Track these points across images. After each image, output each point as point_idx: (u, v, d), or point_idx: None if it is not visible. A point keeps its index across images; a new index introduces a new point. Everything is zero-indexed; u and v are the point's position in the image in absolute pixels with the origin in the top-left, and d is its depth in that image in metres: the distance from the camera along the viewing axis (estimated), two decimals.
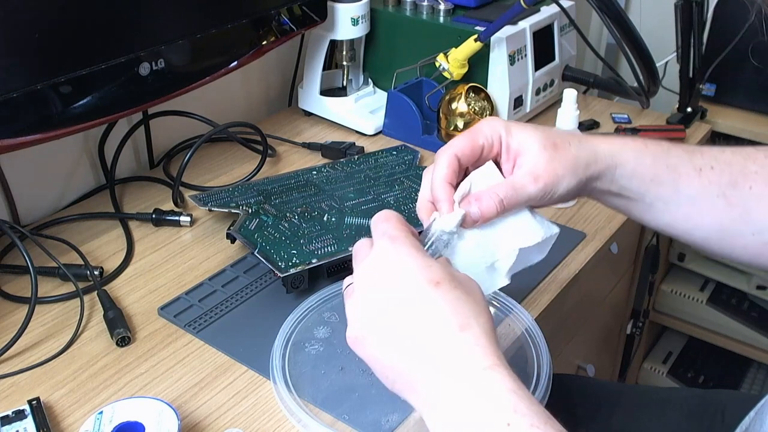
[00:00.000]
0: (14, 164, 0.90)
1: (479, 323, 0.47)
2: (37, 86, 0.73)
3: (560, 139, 0.58)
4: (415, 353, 0.47)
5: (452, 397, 0.45)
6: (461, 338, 0.46)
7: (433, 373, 0.46)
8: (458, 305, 0.47)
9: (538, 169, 0.57)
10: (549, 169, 0.56)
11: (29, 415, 0.63)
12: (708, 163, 0.60)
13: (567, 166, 0.57)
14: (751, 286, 1.47)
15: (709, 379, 1.62)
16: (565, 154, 0.57)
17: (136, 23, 0.82)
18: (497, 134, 0.58)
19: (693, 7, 1.12)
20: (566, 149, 0.58)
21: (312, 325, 0.73)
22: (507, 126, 0.58)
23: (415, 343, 0.47)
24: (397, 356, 0.47)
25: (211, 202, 0.89)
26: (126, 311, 0.77)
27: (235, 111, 1.19)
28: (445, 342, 0.46)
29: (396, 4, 1.17)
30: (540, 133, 0.58)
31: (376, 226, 0.53)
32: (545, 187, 0.57)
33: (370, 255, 0.51)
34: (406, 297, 0.48)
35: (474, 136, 0.58)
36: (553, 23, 1.15)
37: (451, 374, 0.45)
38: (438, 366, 0.46)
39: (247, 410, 0.66)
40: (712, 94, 1.32)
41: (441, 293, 0.47)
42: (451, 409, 0.45)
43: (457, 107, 1.04)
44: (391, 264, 0.50)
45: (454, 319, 0.46)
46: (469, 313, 0.47)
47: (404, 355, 0.47)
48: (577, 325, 1.08)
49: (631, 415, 0.84)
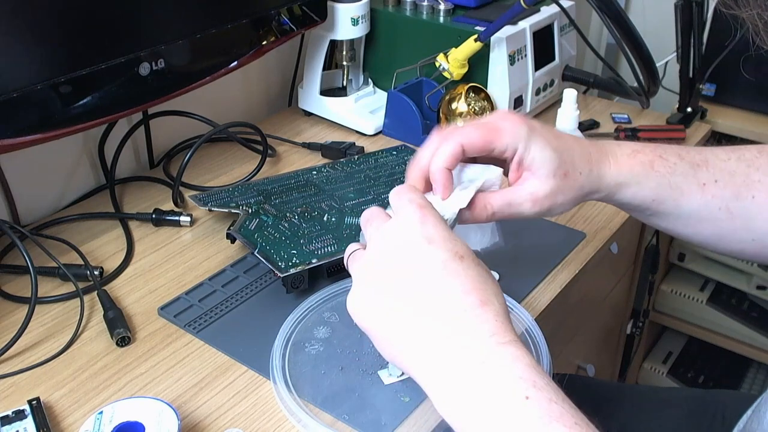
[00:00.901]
0: (14, 164, 0.90)
1: (499, 302, 0.47)
2: (37, 86, 0.73)
3: (573, 169, 0.58)
4: (433, 323, 0.46)
5: (468, 368, 0.44)
6: (482, 312, 0.46)
7: (449, 344, 0.45)
8: (480, 281, 0.47)
9: (541, 194, 0.57)
10: (550, 196, 0.57)
11: (29, 415, 0.63)
12: (712, 177, 0.60)
13: (569, 195, 0.58)
14: (751, 286, 1.47)
15: (709, 379, 1.62)
16: (572, 184, 0.58)
17: (136, 23, 0.82)
18: (514, 146, 0.56)
19: (693, 7, 1.12)
20: (575, 179, 0.58)
21: (312, 325, 0.73)
22: (527, 139, 0.56)
23: (434, 313, 0.46)
24: (413, 324, 0.47)
25: (211, 202, 0.89)
26: (126, 311, 0.77)
27: (235, 111, 1.19)
28: (465, 314, 0.45)
29: (396, 4, 1.17)
30: (557, 158, 0.57)
31: (399, 195, 0.52)
32: (540, 211, 0.58)
33: (394, 219, 0.50)
34: (431, 266, 0.47)
35: (490, 138, 0.56)
36: (553, 23, 1.15)
37: (469, 345, 0.45)
38: (456, 337, 0.45)
39: (247, 410, 0.66)
40: (712, 94, 1.32)
41: (464, 267, 0.47)
42: (466, 380, 0.44)
43: (457, 107, 1.04)
44: (418, 230, 0.49)
45: (475, 294, 0.46)
46: (489, 290, 0.47)
47: (420, 323, 0.46)
48: (577, 325, 1.08)
49: (631, 415, 0.84)
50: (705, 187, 0.60)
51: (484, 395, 0.43)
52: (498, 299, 0.47)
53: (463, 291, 0.46)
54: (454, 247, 0.48)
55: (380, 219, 0.52)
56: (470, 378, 0.44)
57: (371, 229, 0.52)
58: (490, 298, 0.47)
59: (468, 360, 0.44)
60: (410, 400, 0.66)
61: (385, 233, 0.50)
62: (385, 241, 0.50)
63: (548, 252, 0.87)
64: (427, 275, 0.47)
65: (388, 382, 0.67)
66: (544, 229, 0.91)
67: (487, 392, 0.43)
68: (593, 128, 1.17)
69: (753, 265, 1.44)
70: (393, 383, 0.67)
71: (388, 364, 0.68)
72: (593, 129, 1.17)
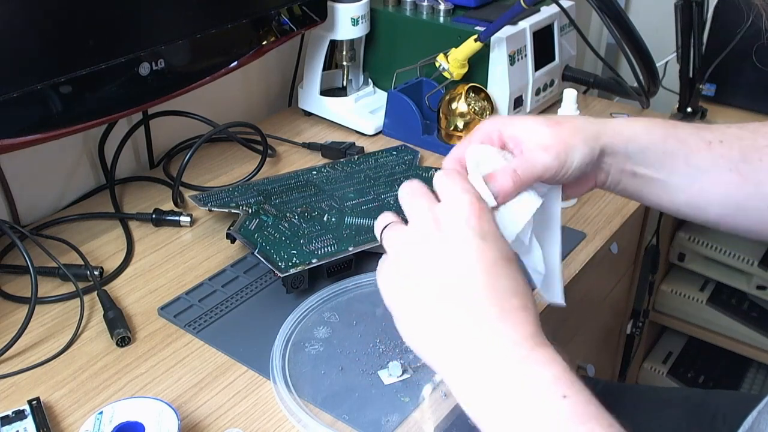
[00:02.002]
0: (14, 164, 0.90)
1: (536, 309, 0.47)
2: (37, 86, 0.73)
3: (563, 118, 0.58)
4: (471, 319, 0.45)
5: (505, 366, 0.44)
6: (523, 316, 0.46)
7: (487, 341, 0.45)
8: (522, 285, 0.47)
9: (546, 140, 0.55)
10: (557, 139, 0.55)
11: (29, 415, 0.63)
12: (717, 137, 0.60)
13: (575, 134, 0.56)
14: (751, 286, 1.47)
15: (709, 379, 1.62)
16: (571, 126, 0.57)
17: (136, 23, 0.82)
18: (495, 130, 0.57)
19: (693, 7, 1.12)
20: (571, 123, 0.57)
21: (312, 325, 0.73)
22: (505, 120, 0.58)
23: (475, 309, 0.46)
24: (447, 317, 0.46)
25: (211, 202, 0.89)
26: (126, 311, 0.77)
27: (235, 111, 1.19)
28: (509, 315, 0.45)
29: (396, 4, 1.17)
30: (541, 118, 0.58)
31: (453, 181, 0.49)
32: (558, 156, 0.55)
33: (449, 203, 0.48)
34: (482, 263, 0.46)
35: (471, 138, 0.58)
36: (553, 23, 1.15)
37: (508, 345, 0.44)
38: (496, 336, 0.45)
39: (247, 410, 0.66)
40: (712, 94, 1.32)
41: (513, 270, 0.47)
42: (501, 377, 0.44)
43: (457, 107, 1.04)
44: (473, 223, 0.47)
45: (518, 298, 0.46)
46: (529, 297, 0.47)
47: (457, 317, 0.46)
48: (577, 325, 1.08)
49: (631, 415, 0.84)
50: (711, 145, 0.59)
51: (521, 392, 0.43)
52: (535, 307, 0.47)
53: (508, 293, 0.46)
54: (504, 248, 0.48)
55: (428, 197, 0.50)
56: (506, 375, 0.44)
57: (417, 204, 0.49)
58: (528, 304, 0.47)
59: (506, 358, 0.44)
60: (410, 400, 0.66)
61: (436, 214, 0.48)
62: (434, 222, 0.48)
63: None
64: (474, 272, 0.46)
65: (388, 382, 0.67)
66: None
67: (523, 389, 0.43)
68: None
69: (753, 264, 1.44)
70: (393, 383, 0.67)
71: (388, 364, 0.68)
72: None
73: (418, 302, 0.47)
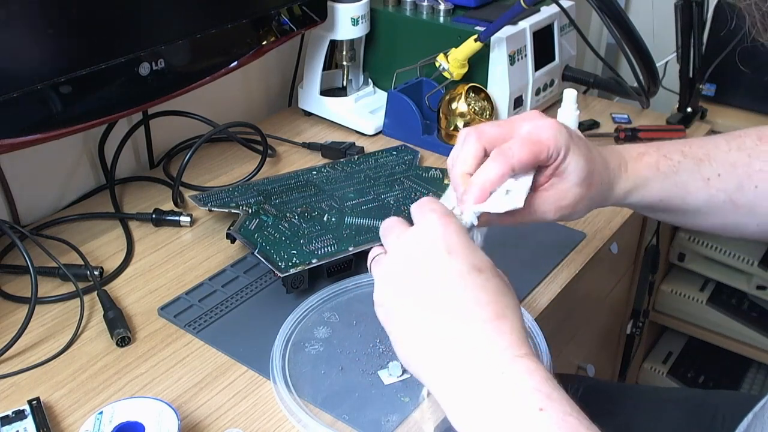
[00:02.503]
0: (14, 164, 0.90)
1: (515, 316, 0.47)
2: (37, 86, 0.73)
3: (598, 179, 0.58)
4: (450, 333, 0.46)
5: (483, 379, 0.44)
6: (497, 325, 0.46)
7: (465, 355, 0.45)
8: (497, 294, 0.47)
9: (566, 202, 0.58)
10: (572, 204, 0.58)
11: (29, 415, 0.63)
12: (715, 171, 0.61)
13: (587, 203, 0.59)
14: (751, 286, 1.47)
15: (709, 379, 1.62)
16: (593, 195, 0.59)
17: (136, 23, 0.82)
18: (557, 155, 0.56)
19: (693, 7, 1.12)
20: (597, 189, 0.59)
21: (312, 325, 0.73)
22: (567, 146, 0.56)
23: (451, 323, 0.46)
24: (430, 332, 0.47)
25: (211, 202, 0.89)
26: (126, 311, 0.77)
27: (235, 111, 1.19)
28: (482, 326, 0.46)
29: (396, 4, 1.17)
30: (588, 168, 0.57)
31: (422, 206, 0.51)
32: (560, 218, 0.59)
33: (417, 227, 0.50)
34: (449, 277, 0.47)
35: (537, 151, 0.55)
36: (553, 23, 1.15)
37: (484, 357, 0.45)
38: (471, 348, 0.45)
39: (247, 410, 0.66)
40: (712, 94, 1.32)
41: (483, 280, 0.47)
42: (480, 390, 0.44)
43: (457, 107, 1.04)
44: (439, 240, 0.49)
45: (491, 307, 0.46)
46: (506, 303, 0.47)
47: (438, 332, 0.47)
48: (577, 325, 1.08)
49: (631, 415, 0.84)
50: (709, 182, 0.61)
51: (498, 405, 0.43)
52: (514, 314, 0.47)
53: (479, 303, 0.46)
54: (474, 260, 0.48)
55: (400, 227, 0.52)
56: (484, 388, 0.44)
57: (392, 237, 0.52)
58: (505, 312, 0.47)
59: (483, 371, 0.45)
60: (410, 400, 0.66)
61: (406, 241, 0.50)
62: (404, 247, 0.50)
63: (548, 252, 0.87)
64: (444, 286, 0.47)
65: (388, 382, 0.67)
66: (544, 229, 0.91)
67: (501, 402, 0.43)
68: (593, 128, 1.17)
69: (753, 264, 1.44)
70: (393, 383, 0.67)
71: (388, 364, 0.68)
72: (593, 129, 1.17)
73: (402, 322, 0.49)
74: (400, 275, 0.49)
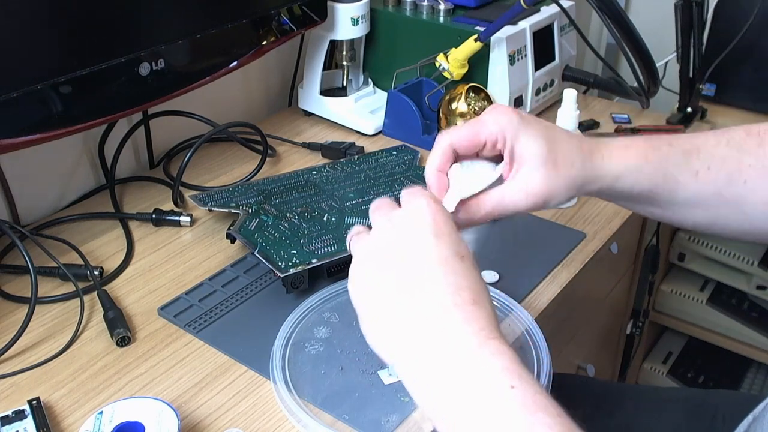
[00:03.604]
0: (14, 164, 0.90)
1: (490, 305, 0.47)
2: (37, 86, 0.73)
3: (563, 157, 0.57)
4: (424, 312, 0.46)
5: (455, 358, 0.44)
6: (474, 309, 0.46)
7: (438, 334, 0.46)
8: (474, 281, 0.48)
9: (533, 186, 0.57)
10: (543, 188, 0.57)
11: (29, 415, 0.63)
12: (705, 164, 0.60)
13: (562, 185, 0.57)
14: (751, 286, 1.47)
15: (709, 379, 1.62)
16: (565, 174, 0.57)
17: (136, 23, 0.82)
18: (502, 134, 0.57)
19: (693, 7, 1.12)
20: (567, 169, 0.57)
21: (312, 325, 0.73)
22: (515, 127, 0.57)
23: (427, 303, 0.47)
24: (403, 310, 0.47)
25: (211, 202, 0.89)
26: (126, 311, 0.77)
27: (235, 111, 1.19)
28: (457, 308, 0.46)
29: (396, 4, 1.17)
30: (545, 146, 0.57)
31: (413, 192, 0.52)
32: (535, 204, 0.57)
33: (405, 208, 0.50)
34: (433, 259, 0.48)
35: (477, 130, 0.57)
36: (553, 23, 1.15)
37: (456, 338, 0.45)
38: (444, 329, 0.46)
39: (247, 410, 0.66)
40: (712, 94, 1.32)
41: (463, 267, 0.48)
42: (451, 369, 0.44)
43: (457, 107, 1.04)
44: (428, 222, 0.49)
45: (468, 292, 0.47)
46: (483, 293, 0.47)
47: (411, 310, 0.47)
48: (577, 325, 1.08)
49: (631, 415, 0.84)
50: (698, 175, 0.60)
51: (469, 384, 0.43)
52: (489, 303, 0.48)
53: (458, 288, 0.47)
54: (458, 247, 0.49)
55: (390, 206, 0.52)
56: (455, 367, 0.44)
57: (379, 213, 0.52)
58: (482, 299, 0.47)
59: (454, 351, 0.45)
60: (410, 400, 0.65)
61: (394, 219, 0.50)
62: (392, 225, 0.50)
63: (548, 252, 0.87)
64: (426, 268, 0.48)
65: (388, 382, 0.67)
66: (544, 229, 0.91)
67: (472, 381, 0.43)
68: (593, 128, 1.17)
69: (753, 264, 1.44)
70: (393, 383, 0.67)
71: (388, 364, 0.68)
72: (593, 129, 1.17)
73: (377, 299, 0.49)
74: (383, 252, 0.49)
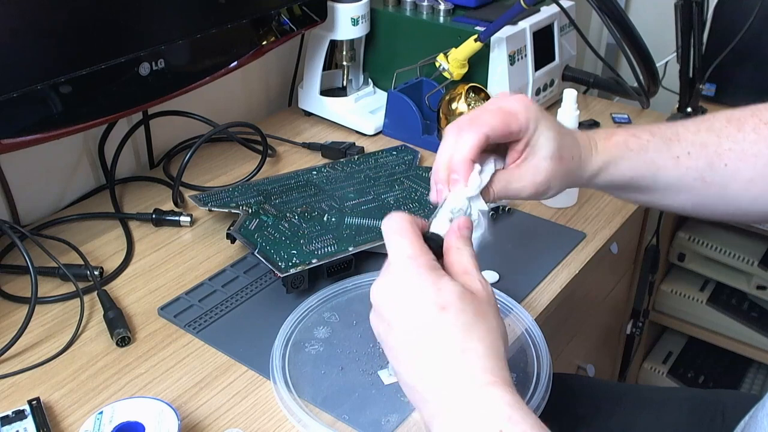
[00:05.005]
0: (14, 164, 0.90)
1: (484, 344, 0.48)
2: (37, 86, 0.73)
3: (567, 151, 0.60)
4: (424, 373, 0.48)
5: (452, 410, 0.46)
6: (462, 360, 0.47)
7: (437, 391, 0.47)
8: (463, 329, 0.48)
9: (539, 176, 0.59)
10: (545, 181, 0.59)
11: (29, 415, 0.63)
12: (685, 150, 0.62)
13: (561, 179, 0.60)
14: (751, 286, 1.47)
15: (709, 379, 1.62)
16: (565, 168, 0.60)
17: (136, 23, 0.82)
18: (528, 127, 0.57)
19: (693, 7, 1.12)
20: (568, 164, 0.60)
21: (312, 325, 0.73)
22: (537, 119, 0.58)
23: (423, 365, 0.48)
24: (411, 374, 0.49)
25: (211, 202, 0.89)
26: (126, 311, 0.77)
27: (235, 111, 1.19)
28: (448, 364, 0.47)
29: (396, 4, 1.17)
30: (558, 140, 0.59)
31: (390, 237, 0.52)
32: (536, 194, 0.60)
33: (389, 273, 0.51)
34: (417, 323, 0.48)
35: (508, 121, 0.56)
36: (553, 23, 1.15)
37: (452, 391, 0.46)
38: (441, 385, 0.47)
39: (247, 410, 0.66)
40: (712, 94, 1.32)
41: (446, 319, 0.48)
42: (450, 421, 0.46)
43: (457, 107, 1.04)
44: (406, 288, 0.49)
45: (456, 343, 0.47)
46: (474, 335, 0.48)
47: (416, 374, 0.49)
48: (577, 325, 1.08)
49: (631, 415, 0.84)
50: (679, 160, 0.62)
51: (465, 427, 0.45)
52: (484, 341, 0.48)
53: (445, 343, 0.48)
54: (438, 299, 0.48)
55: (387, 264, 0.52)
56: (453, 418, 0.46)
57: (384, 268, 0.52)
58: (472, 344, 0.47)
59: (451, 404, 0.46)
60: None
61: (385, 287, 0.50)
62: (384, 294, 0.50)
63: (548, 252, 0.87)
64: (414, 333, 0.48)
65: (388, 382, 0.67)
66: (544, 229, 0.91)
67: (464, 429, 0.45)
68: (593, 128, 1.17)
69: (753, 264, 1.44)
70: (393, 383, 0.67)
71: (388, 364, 0.68)
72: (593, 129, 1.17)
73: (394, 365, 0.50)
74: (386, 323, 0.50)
